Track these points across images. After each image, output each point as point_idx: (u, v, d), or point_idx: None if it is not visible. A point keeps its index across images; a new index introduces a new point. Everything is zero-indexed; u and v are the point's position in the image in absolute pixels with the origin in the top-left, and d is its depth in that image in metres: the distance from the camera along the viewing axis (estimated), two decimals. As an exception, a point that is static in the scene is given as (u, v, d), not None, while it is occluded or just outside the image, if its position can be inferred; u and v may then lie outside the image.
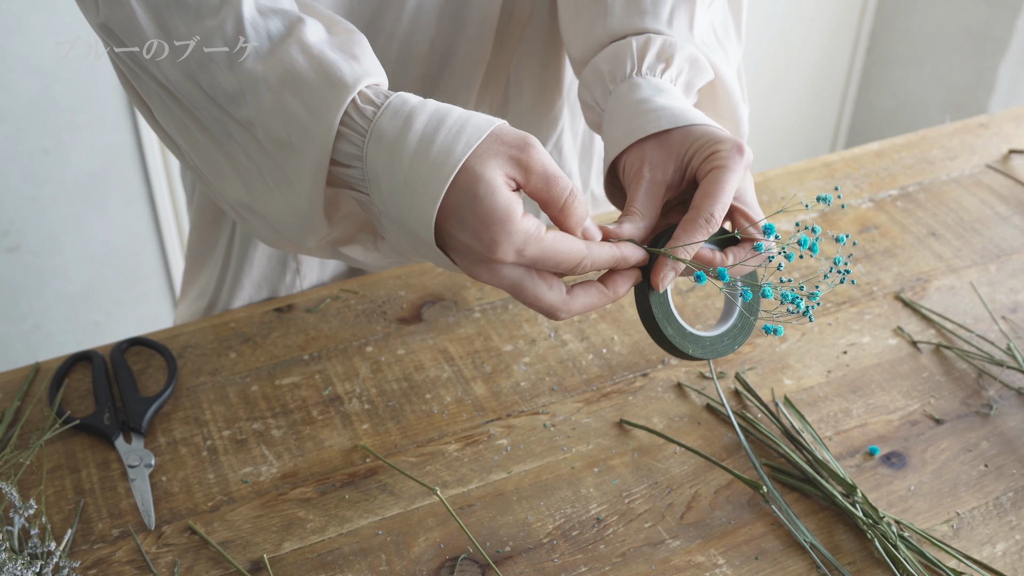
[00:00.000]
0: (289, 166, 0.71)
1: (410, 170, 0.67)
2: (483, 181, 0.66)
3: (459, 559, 0.80)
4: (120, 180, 2.09)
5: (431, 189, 0.66)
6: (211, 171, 0.78)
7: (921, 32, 2.69)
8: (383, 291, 1.05)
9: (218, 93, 0.72)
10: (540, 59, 1.02)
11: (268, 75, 0.70)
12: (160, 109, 0.78)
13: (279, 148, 0.71)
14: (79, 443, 0.89)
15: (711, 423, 0.92)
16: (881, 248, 1.13)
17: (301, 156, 0.70)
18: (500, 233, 0.66)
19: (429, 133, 0.67)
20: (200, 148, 0.78)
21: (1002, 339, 1.01)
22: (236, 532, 0.82)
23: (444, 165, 0.66)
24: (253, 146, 0.73)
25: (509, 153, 0.68)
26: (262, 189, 0.76)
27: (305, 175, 0.71)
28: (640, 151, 0.78)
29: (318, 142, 0.69)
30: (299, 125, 0.70)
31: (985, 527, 0.84)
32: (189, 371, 0.95)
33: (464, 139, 0.67)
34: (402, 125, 0.68)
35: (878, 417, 0.93)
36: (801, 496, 0.86)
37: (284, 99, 0.70)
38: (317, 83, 0.69)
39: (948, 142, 1.31)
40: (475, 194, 0.66)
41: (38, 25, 1.83)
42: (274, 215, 0.76)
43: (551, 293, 0.71)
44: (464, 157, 0.66)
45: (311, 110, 0.69)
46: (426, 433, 0.90)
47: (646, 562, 0.81)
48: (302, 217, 0.74)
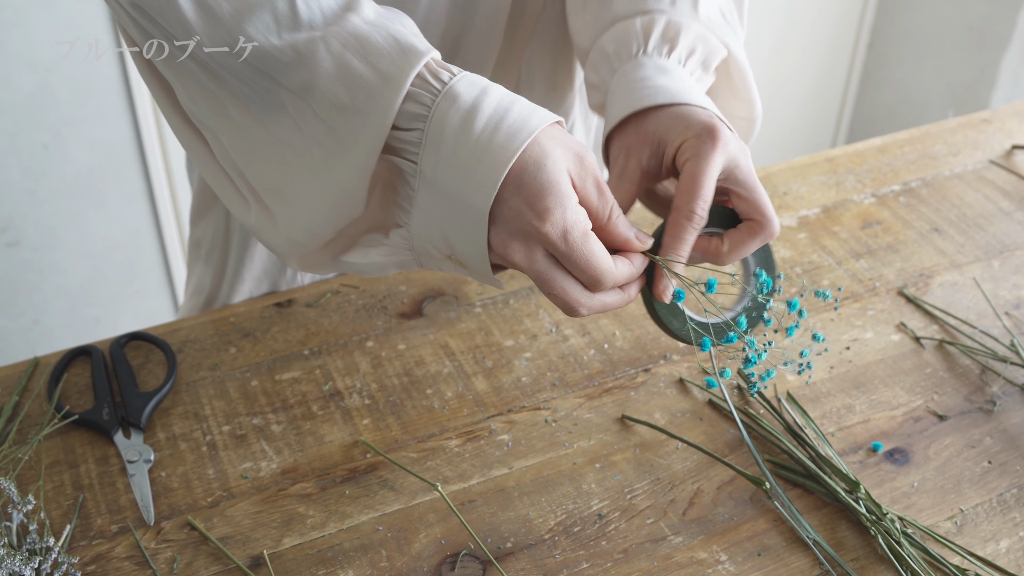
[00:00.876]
0: (348, 131, 0.70)
1: (483, 132, 0.67)
2: (552, 157, 0.68)
3: (460, 555, 0.80)
4: (119, 175, 2.08)
5: (505, 152, 0.67)
6: (243, 153, 0.76)
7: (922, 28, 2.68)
8: (384, 286, 1.04)
9: (268, 63, 0.70)
10: (552, 53, 1.02)
11: (329, 40, 0.69)
12: (192, 91, 0.75)
13: (339, 113, 0.69)
14: (78, 438, 0.88)
15: (713, 419, 0.92)
16: (884, 244, 1.12)
17: (363, 119, 0.69)
18: (556, 204, 0.67)
19: (505, 104, 0.69)
20: (236, 129, 0.75)
21: (1005, 335, 1.01)
22: (236, 528, 0.82)
23: (520, 132, 0.68)
24: (306, 115, 0.71)
25: (574, 148, 0.70)
26: (301, 168, 0.73)
27: (364, 139, 0.69)
28: (622, 135, 0.80)
29: (384, 103, 0.68)
30: (365, 87, 0.68)
31: (989, 524, 0.84)
32: (188, 366, 0.95)
33: (538, 117, 0.69)
34: (479, 92, 0.69)
35: (881, 413, 0.93)
36: (804, 492, 0.86)
37: (348, 63, 0.69)
38: (387, 48, 0.69)
39: (951, 137, 1.31)
40: (542, 164, 0.67)
41: (37, 20, 1.83)
42: (307, 200, 0.74)
43: (577, 288, 0.72)
44: (539, 128, 0.68)
45: (380, 73, 0.68)
46: (427, 428, 0.90)
47: (648, 558, 0.80)
48: (343, 193, 0.72)
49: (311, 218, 0.75)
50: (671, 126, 0.77)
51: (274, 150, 0.74)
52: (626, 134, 0.79)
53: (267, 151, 0.74)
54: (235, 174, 0.78)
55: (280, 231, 0.77)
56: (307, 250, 0.78)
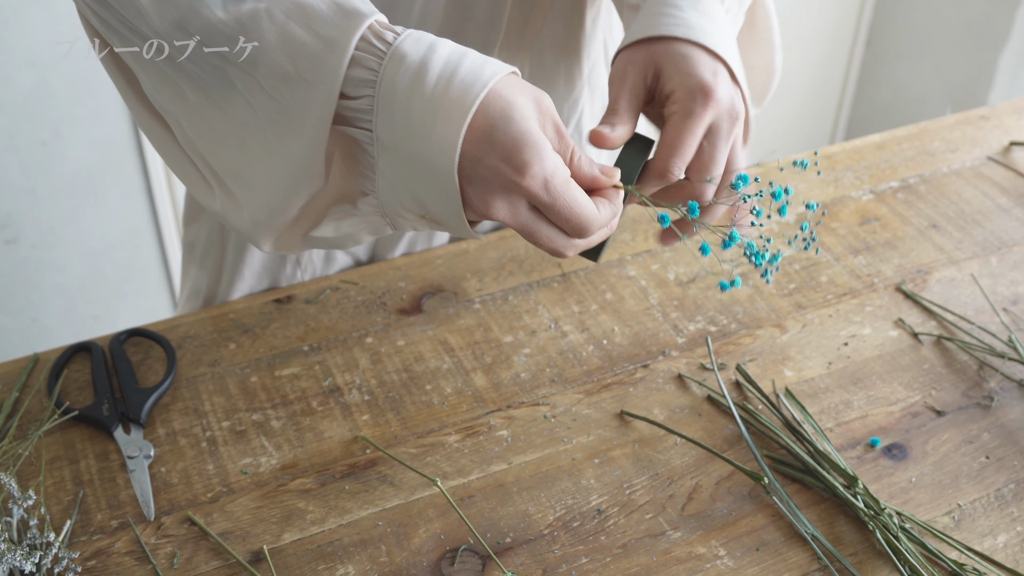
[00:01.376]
0: (296, 102, 0.69)
1: (435, 91, 0.66)
2: (517, 106, 0.66)
3: (460, 550, 0.80)
4: (118, 173, 2.08)
5: (459, 108, 0.65)
6: (206, 137, 0.75)
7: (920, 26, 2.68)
8: (383, 282, 1.04)
9: (215, 38, 0.69)
10: (562, 43, 1.02)
11: (272, 11, 0.68)
12: (154, 79, 0.75)
13: (285, 84, 0.68)
14: (78, 434, 0.89)
15: (712, 414, 0.92)
16: (882, 240, 1.12)
17: (310, 89, 0.68)
18: (533, 156, 0.66)
19: (455, 59, 0.67)
20: (196, 115, 0.74)
21: (1003, 331, 1.01)
22: (236, 523, 0.82)
23: (473, 85, 0.66)
24: (255, 90, 0.70)
25: (532, 94, 0.68)
26: (258, 148, 0.72)
27: (313, 110, 0.68)
28: (631, 52, 0.78)
29: (330, 70, 0.67)
30: (309, 55, 0.67)
31: (987, 519, 0.84)
32: (188, 362, 0.95)
33: (491, 68, 0.67)
34: (426, 50, 0.67)
35: (879, 409, 0.93)
36: (802, 487, 0.86)
37: (291, 31, 0.67)
38: (328, 12, 0.67)
39: (949, 134, 1.31)
40: (509, 116, 0.66)
41: (36, 18, 1.83)
42: (265, 176, 0.73)
43: (562, 236, 0.71)
44: (493, 80, 0.66)
45: (323, 39, 0.67)
46: (426, 424, 0.90)
47: (647, 553, 0.80)
48: (299, 168, 0.71)
49: (271, 196, 0.73)
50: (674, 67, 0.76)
51: (231, 131, 0.73)
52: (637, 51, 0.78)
53: (224, 133, 0.73)
54: (198, 159, 0.78)
55: (244, 213, 0.76)
56: (275, 230, 0.76)
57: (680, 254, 1.09)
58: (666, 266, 1.07)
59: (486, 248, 1.09)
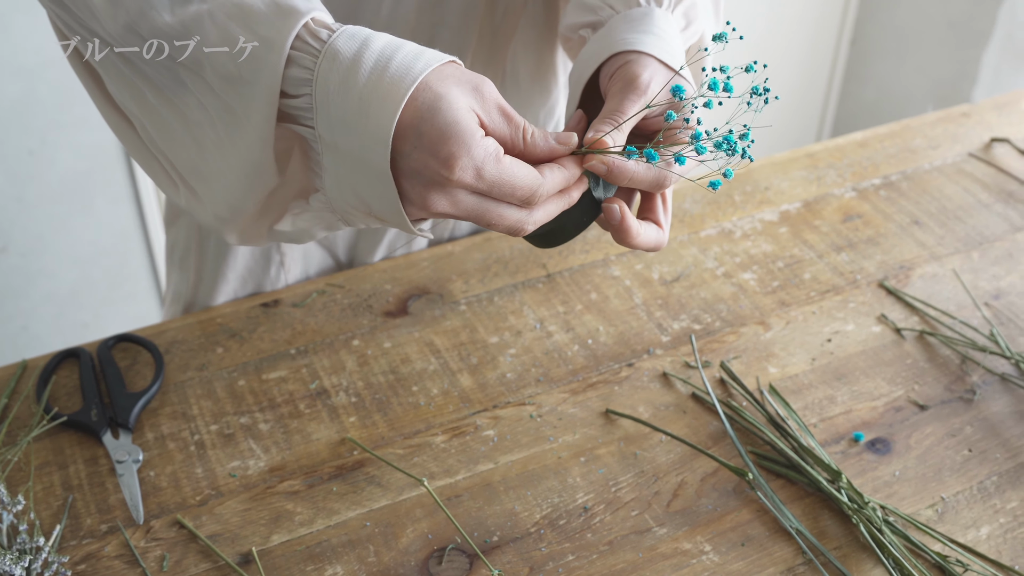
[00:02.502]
0: (240, 103, 0.69)
1: (366, 87, 0.65)
2: (445, 98, 0.65)
3: (447, 549, 0.81)
4: (106, 179, 2.08)
5: (389, 102, 0.65)
6: (164, 136, 0.76)
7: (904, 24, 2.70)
8: (369, 285, 1.05)
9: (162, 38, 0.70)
10: (536, 48, 1.02)
11: (214, 12, 0.68)
12: (114, 79, 0.75)
13: (229, 84, 0.69)
14: (67, 439, 0.89)
15: (696, 412, 0.93)
16: (864, 237, 1.13)
17: (252, 88, 0.68)
18: (459, 148, 0.64)
19: (388, 53, 0.66)
20: (153, 112, 0.75)
21: (985, 325, 1.02)
22: (224, 525, 0.82)
23: (404, 79, 0.65)
24: (203, 89, 0.70)
25: (471, 82, 0.67)
26: (212, 144, 0.73)
27: (256, 109, 0.68)
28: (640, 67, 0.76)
29: (269, 70, 0.67)
30: (250, 56, 0.67)
31: (969, 511, 0.85)
32: (176, 367, 0.95)
33: (424, 60, 0.66)
34: (359, 46, 0.66)
35: (863, 404, 0.94)
36: (787, 483, 0.87)
37: (231, 32, 0.67)
38: (266, 12, 0.67)
39: (931, 131, 1.32)
40: (436, 108, 0.65)
41: (22, 25, 1.83)
42: (222, 174, 0.73)
43: (512, 210, 0.69)
44: (424, 72, 0.65)
45: (262, 39, 0.67)
46: (413, 425, 0.91)
47: (633, 550, 0.81)
48: (252, 166, 0.71)
49: (229, 193, 0.74)
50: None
51: (186, 130, 0.74)
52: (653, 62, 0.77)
53: (181, 132, 0.74)
54: (161, 157, 0.78)
55: (208, 209, 0.77)
56: (238, 224, 0.77)
57: (664, 254, 1.10)
58: (650, 265, 1.08)
59: (471, 250, 1.09)
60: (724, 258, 1.09)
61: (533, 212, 0.69)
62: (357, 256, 1.11)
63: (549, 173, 0.68)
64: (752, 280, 1.07)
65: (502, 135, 0.68)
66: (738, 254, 1.10)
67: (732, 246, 1.11)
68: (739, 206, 1.17)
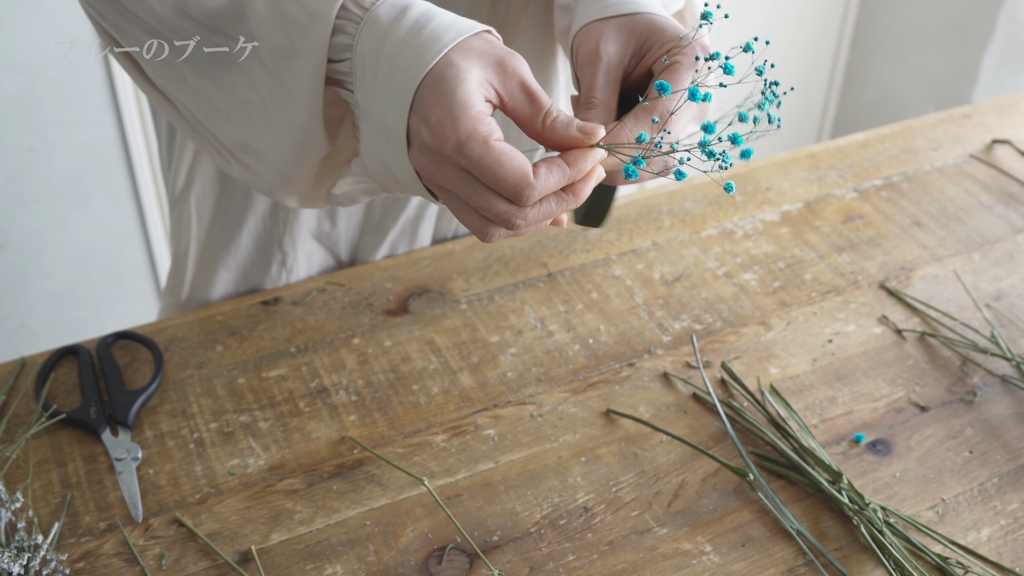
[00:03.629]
0: (290, 76, 0.70)
1: (396, 53, 0.66)
2: (455, 68, 0.65)
3: (447, 549, 0.81)
4: (105, 177, 2.08)
5: (412, 71, 0.65)
6: (210, 115, 0.77)
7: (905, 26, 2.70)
8: (369, 283, 1.05)
9: (213, 19, 0.71)
10: (537, 47, 1.02)
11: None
12: (152, 63, 0.77)
13: (281, 58, 0.70)
14: (66, 437, 0.89)
15: (697, 412, 0.92)
16: (866, 237, 1.13)
17: (301, 61, 0.69)
18: (446, 118, 0.64)
19: (423, 22, 0.67)
20: (198, 94, 0.76)
21: (986, 327, 1.02)
22: (224, 524, 0.82)
23: (430, 49, 0.65)
24: (255, 65, 0.72)
25: (494, 55, 0.67)
26: (262, 119, 0.74)
27: (305, 80, 0.70)
28: (597, 31, 0.75)
29: (316, 40, 0.68)
30: (298, 28, 0.69)
31: (970, 512, 0.85)
32: (175, 364, 0.95)
33: (455, 31, 0.66)
34: (397, 13, 0.67)
35: (863, 405, 0.94)
36: (787, 483, 0.86)
37: (281, 5, 0.69)
38: None
39: (932, 132, 1.32)
40: (443, 77, 0.65)
41: (21, 22, 1.82)
42: (274, 146, 0.75)
43: (502, 201, 0.66)
44: (452, 44, 0.65)
45: (308, 10, 0.68)
46: (413, 424, 0.90)
47: (633, 550, 0.81)
48: (302, 137, 0.72)
49: (282, 164, 0.75)
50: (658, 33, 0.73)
51: (234, 109, 0.75)
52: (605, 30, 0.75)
53: (228, 111, 0.75)
54: (208, 135, 0.80)
55: (262, 180, 0.79)
56: (294, 190, 0.78)
57: (665, 253, 1.09)
58: (651, 265, 1.08)
59: (472, 249, 1.09)
60: (725, 258, 1.09)
61: (525, 210, 0.67)
62: (359, 257, 1.11)
63: (546, 173, 0.65)
64: (753, 280, 1.07)
65: (522, 114, 0.67)
66: (739, 254, 1.10)
67: (733, 246, 1.11)
68: (740, 206, 1.17)
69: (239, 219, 1.06)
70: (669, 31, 0.74)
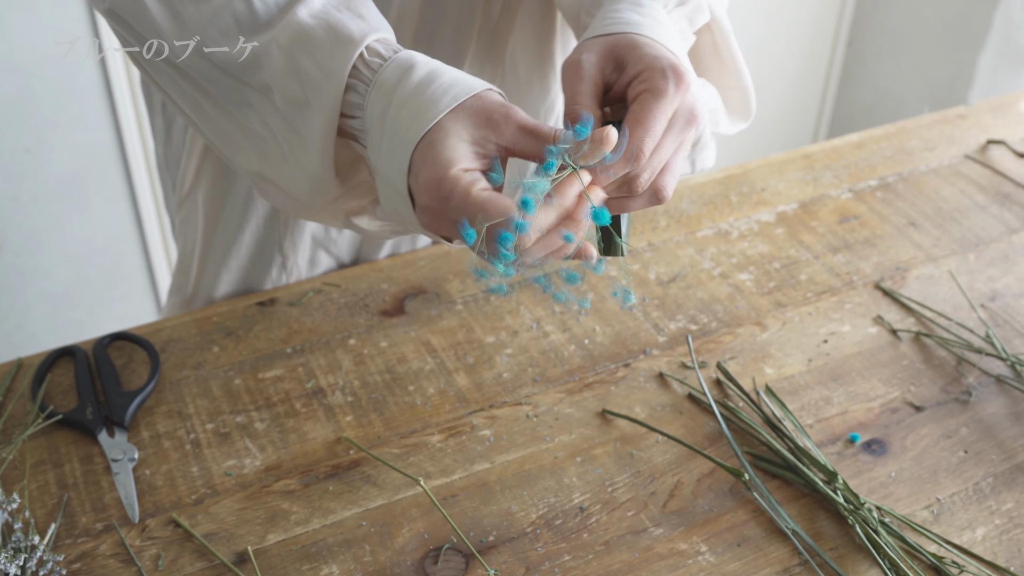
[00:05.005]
0: (304, 126, 0.73)
1: (397, 117, 0.69)
2: (443, 132, 0.68)
3: (443, 549, 0.81)
4: (102, 179, 2.08)
5: (409, 136, 0.68)
6: (225, 144, 0.80)
7: (900, 26, 2.70)
8: (365, 284, 1.05)
9: (231, 65, 0.74)
10: (536, 42, 1.02)
11: (279, 38, 0.73)
12: (172, 89, 0.80)
13: (295, 109, 0.73)
14: (62, 438, 0.89)
15: (693, 412, 0.93)
16: (861, 238, 1.13)
17: (314, 113, 0.72)
18: (432, 179, 0.67)
19: (423, 85, 0.69)
20: (213, 123, 0.79)
21: (981, 327, 1.02)
22: (220, 525, 0.82)
23: (426, 114, 0.68)
24: (270, 111, 0.75)
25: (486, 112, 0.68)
26: (276, 157, 0.77)
27: (317, 132, 0.73)
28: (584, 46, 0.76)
29: (330, 97, 0.71)
30: (312, 83, 0.72)
31: (965, 512, 0.85)
32: (172, 365, 0.95)
33: (453, 94, 0.69)
34: (401, 75, 0.70)
35: (859, 405, 0.94)
36: (783, 483, 0.87)
37: (297, 60, 0.72)
38: (327, 41, 0.72)
39: (927, 133, 1.32)
40: (432, 142, 0.68)
41: (19, 23, 1.82)
42: (287, 182, 0.78)
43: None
44: (447, 110, 0.68)
45: (322, 68, 0.71)
46: (409, 425, 0.91)
47: (629, 550, 0.81)
48: (315, 179, 0.76)
49: (297, 195, 0.79)
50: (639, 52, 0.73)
51: (248, 142, 0.78)
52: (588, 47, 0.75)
53: (243, 142, 0.79)
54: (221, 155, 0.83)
55: (277, 202, 0.82)
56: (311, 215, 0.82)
57: (661, 254, 1.10)
58: (647, 266, 1.08)
59: (468, 250, 1.09)
60: (721, 259, 1.09)
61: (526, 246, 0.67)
62: (362, 256, 1.11)
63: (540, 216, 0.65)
64: (748, 281, 1.07)
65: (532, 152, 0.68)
66: (735, 255, 1.10)
67: (729, 247, 1.11)
68: (736, 207, 1.17)
69: (241, 220, 1.06)
70: (644, 49, 0.73)
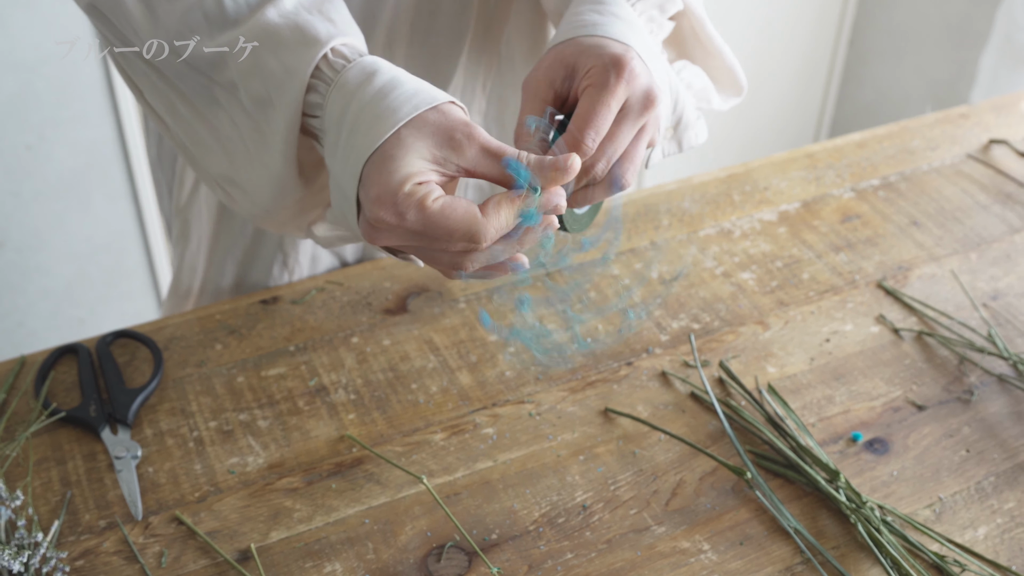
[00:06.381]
0: (267, 124, 0.74)
1: (355, 122, 0.68)
2: (402, 146, 0.66)
3: (446, 547, 0.81)
4: (103, 176, 2.08)
5: (365, 144, 0.67)
6: (196, 145, 0.80)
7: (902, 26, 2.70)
8: (368, 282, 1.05)
9: (199, 61, 0.75)
10: (530, 32, 1.03)
11: (246, 37, 0.73)
12: (148, 88, 0.80)
13: (259, 107, 0.73)
14: (65, 435, 0.89)
15: (695, 411, 0.93)
16: (863, 237, 1.13)
17: (277, 112, 0.73)
18: (385, 194, 0.66)
19: (385, 91, 0.68)
20: (186, 123, 0.80)
21: (983, 326, 1.02)
22: (223, 522, 0.82)
23: (385, 122, 0.67)
24: (237, 109, 0.75)
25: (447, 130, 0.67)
26: (242, 158, 0.77)
27: (279, 130, 0.73)
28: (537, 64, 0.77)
29: (292, 95, 0.71)
30: (276, 82, 0.72)
31: (967, 511, 0.85)
32: (175, 363, 0.95)
33: (414, 103, 0.67)
34: (363, 79, 0.69)
35: (861, 404, 0.94)
36: (785, 482, 0.87)
37: (262, 58, 0.72)
38: (292, 41, 0.72)
39: (929, 132, 1.32)
40: (387, 155, 0.66)
41: (19, 21, 1.82)
42: (253, 184, 0.78)
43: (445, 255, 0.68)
44: (405, 119, 0.67)
45: (286, 66, 0.71)
46: (412, 423, 0.91)
47: (631, 548, 0.81)
48: (278, 180, 0.76)
49: (261, 199, 0.79)
50: (586, 55, 0.73)
51: (218, 143, 0.79)
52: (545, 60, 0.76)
53: (213, 144, 0.79)
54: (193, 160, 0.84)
55: (243, 208, 0.82)
56: (273, 222, 0.82)
57: (663, 252, 1.10)
58: (650, 264, 1.08)
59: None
60: (723, 258, 1.10)
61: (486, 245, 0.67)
62: (366, 254, 1.12)
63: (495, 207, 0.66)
64: (751, 280, 1.07)
65: (494, 175, 0.68)
66: (737, 254, 1.10)
67: (731, 246, 1.11)
68: (738, 206, 1.17)
69: (242, 219, 1.06)
70: (592, 50, 0.73)
